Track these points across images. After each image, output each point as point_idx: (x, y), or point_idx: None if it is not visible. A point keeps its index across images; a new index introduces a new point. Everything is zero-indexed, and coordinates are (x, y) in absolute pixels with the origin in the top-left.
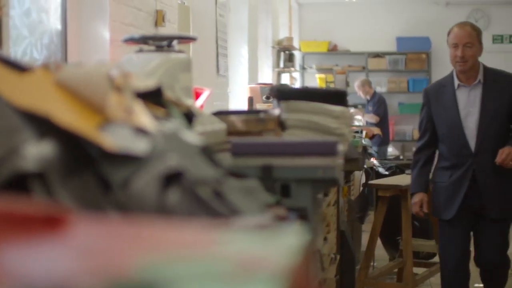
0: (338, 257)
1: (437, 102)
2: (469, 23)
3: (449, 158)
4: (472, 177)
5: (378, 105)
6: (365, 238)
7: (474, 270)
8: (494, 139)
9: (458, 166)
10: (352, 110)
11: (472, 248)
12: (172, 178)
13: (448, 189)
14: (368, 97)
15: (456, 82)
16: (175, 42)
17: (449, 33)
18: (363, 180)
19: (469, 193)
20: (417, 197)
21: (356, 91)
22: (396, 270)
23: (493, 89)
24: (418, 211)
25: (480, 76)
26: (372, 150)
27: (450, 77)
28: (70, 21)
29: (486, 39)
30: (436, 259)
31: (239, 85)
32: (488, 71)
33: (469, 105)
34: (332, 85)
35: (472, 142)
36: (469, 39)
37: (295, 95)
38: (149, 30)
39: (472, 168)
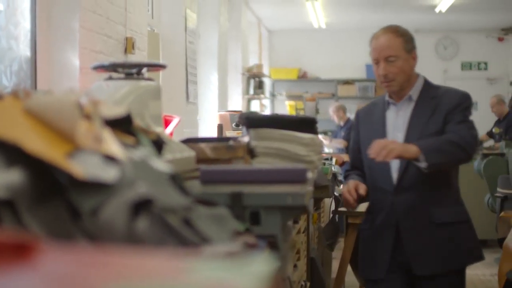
0: (308, 284)
1: (365, 125)
2: (392, 28)
3: (372, 195)
4: (397, 222)
5: (349, 131)
6: (335, 265)
7: None
8: (419, 171)
9: (380, 207)
10: (319, 136)
11: None
12: (142, 206)
13: (373, 239)
14: (342, 123)
15: (386, 99)
16: (144, 70)
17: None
18: (333, 207)
19: (398, 245)
20: (348, 184)
21: (331, 115)
22: None
23: (425, 108)
24: (347, 197)
25: (414, 92)
26: (342, 177)
27: (384, 94)
28: (40, 48)
29: (455, 66)
30: None
31: (209, 112)
32: (426, 87)
33: (396, 128)
34: (302, 112)
35: (394, 175)
36: (391, 51)
37: (264, 122)
38: (119, 57)
39: (394, 210)
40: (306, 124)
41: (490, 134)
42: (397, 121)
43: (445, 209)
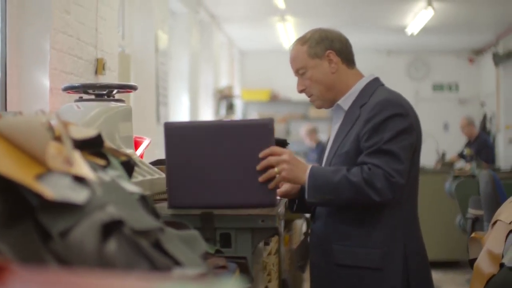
0: None
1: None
2: (300, 37)
3: None
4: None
5: (321, 153)
6: (306, 287)
7: None
8: None
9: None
10: None
11: None
12: (112, 228)
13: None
14: (314, 145)
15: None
16: (115, 91)
17: None
18: (304, 228)
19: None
20: None
21: (303, 137)
22: None
23: (349, 120)
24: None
25: (344, 101)
26: None
27: None
28: (10, 69)
29: (427, 88)
30: None
31: None
32: (364, 92)
33: (329, 145)
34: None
35: None
36: (297, 62)
37: None
38: (90, 79)
39: (311, 241)
40: (277, 146)
41: (461, 155)
42: (332, 136)
43: (360, 249)
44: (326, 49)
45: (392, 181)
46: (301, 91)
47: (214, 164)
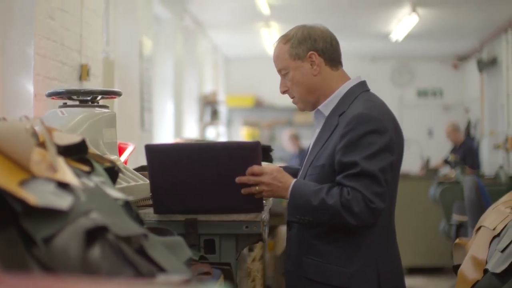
0: None
1: None
2: (283, 35)
3: None
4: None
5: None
6: None
7: None
8: None
9: None
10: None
11: None
12: (96, 234)
13: None
14: (297, 151)
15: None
16: (99, 97)
17: None
18: None
19: None
20: None
21: (285, 143)
22: None
23: (328, 128)
24: None
25: (325, 106)
26: None
27: None
28: None
29: (411, 94)
30: None
31: (164, 139)
32: (345, 98)
33: (309, 151)
34: (258, 140)
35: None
36: (279, 62)
37: None
38: (74, 84)
39: (286, 249)
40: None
41: (446, 161)
42: (312, 141)
43: (331, 267)
44: (308, 50)
45: (371, 207)
46: (283, 92)
47: (198, 183)
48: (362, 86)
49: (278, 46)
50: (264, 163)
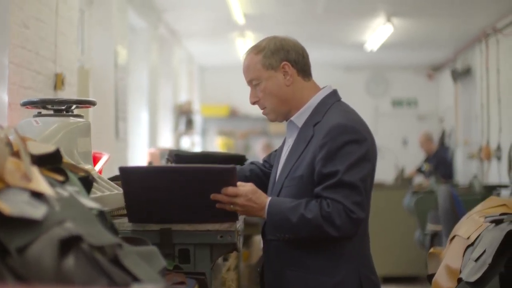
0: None
1: (278, 154)
2: (254, 45)
3: None
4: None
5: None
6: None
7: None
8: None
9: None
10: None
11: None
12: (70, 243)
13: None
14: None
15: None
16: (74, 106)
17: None
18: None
19: None
20: None
21: (259, 154)
22: None
23: (303, 139)
24: None
25: (298, 117)
26: None
27: None
28: None
29: (386, 103)
30: None
31: (139, 149)
32: (319, 108)
33: (282, 162)
34: (233, 149)
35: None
36: (250, 73)
37: (193, 159)
38: (48, 94)
39: (264, 261)
40: (235, 161)
41: (420, 171)
42: (284, 152)
43: (313, 276)
44: (282, 61)
45: (353, 218)
46: (253, 103)
47: (173, 201)
48: (334, 96)
49: (249, 56)
50: (239, 183)
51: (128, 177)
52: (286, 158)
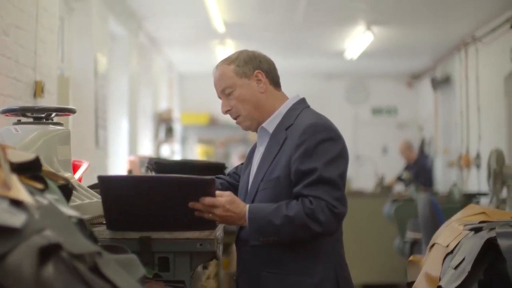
0: None
1: (246, 165)
2: (225, 58)
3: None
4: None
5: None
6: None
7: None
8: None
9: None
10: None
11: None
12: (49, 252)
13: None
14: None
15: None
16: (53, 114)
17: None
18: None
19: None
20: None
21: (236, 163)
22: None
23: (276, 143)
24: None
25: (269, 123)
26: None
27: None
28: None
29: (366, 112)
30: None
31: (119, 157)
32: (289, 113)
33: (254, 168)
34: (212, 157)
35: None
36: (223, 81)
37: (172, 167)
38: (28, 101)
39: (239, 268)
40: (215, 169)
41: (400, 179)
42: (257, 159)
43: (292, 277)
44: (255, 69)
45: (335, 212)
46: (226, 112)
47: (152, 209)
48: (303, 103)
49: (221, 67)
50: (218, 192)
51: (107, 186)
52: (260, 163)
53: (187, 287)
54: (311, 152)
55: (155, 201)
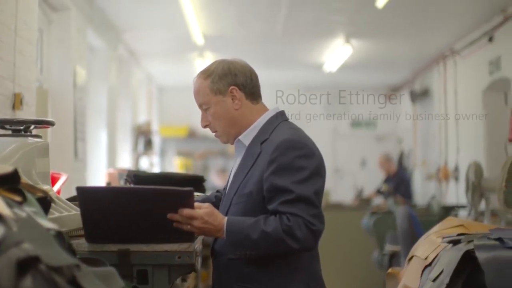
0: None
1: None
2: (203, 70)
3: None
4: None
5: None
6: None
7: None
8: None
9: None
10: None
11: None
12: (27, 264)
13: None
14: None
15: None
16: (32, 127)
17: None
18: None
19: None
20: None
21: (214, 179)
22: None
23: (251, 156)
24: None
25: (245, 136)
26: None
27: None
28: None
29: (345, 125)
30: None
31: (98, 169)
32: (266, 127)
33: (230, 181)
34: (191, 170)
35: None
36: (200, 97)
37: (151, 180)
38: (7, 113)
39: (214, 280)
40: (194, 182)
41: (379, 192)
42: (233, 172)
43: None
44: (230, 85)
45: (313, 229)
46: (205, 126)
47: (130, 220)
48: (281, 116)
49: (198, 81)
50: (197, 204)
51: (86, 197)
52: (234, 176)
53: None
54: (285, 169)
55: (133, 213)
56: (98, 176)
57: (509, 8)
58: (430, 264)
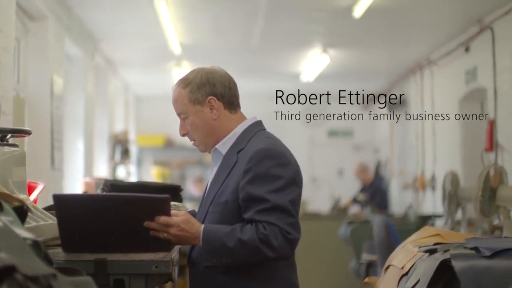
0: None
1: None
2: (182, 78)
3: None
4: None
5: None
6: None
7: None
8: None
9: None
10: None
11: None
12: (3, 274)
13: None
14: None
15: None
16: (9, 136)
17: None
18: None
19: None
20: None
21: (191, 188)
22: None
23: (227, 165)
24: None
25: (223, 145)
26: None
27: None
28: None
29: (322, 134)
30: None
31: (74, 178)
32: (243, 136)
33: (207, 190)
34: (168, 179)
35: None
36: (178, 106)
37: (128, 189)
38: None
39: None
40: (171, 191)
41: (356, 201)
42: (210, 180)
43: None
44: (208, 95)
45: (289, 238)
46: (183, 135)
47: (107, 227)
48: (258, 125)
49: (177, 90)
50: (173, 212)
51: (62, 205)
52: (210, 185)
53: None
54: (260, 178)
55: (110, 220)
56: (75, 185)
57: (485, 18)
58: (406, 273)
